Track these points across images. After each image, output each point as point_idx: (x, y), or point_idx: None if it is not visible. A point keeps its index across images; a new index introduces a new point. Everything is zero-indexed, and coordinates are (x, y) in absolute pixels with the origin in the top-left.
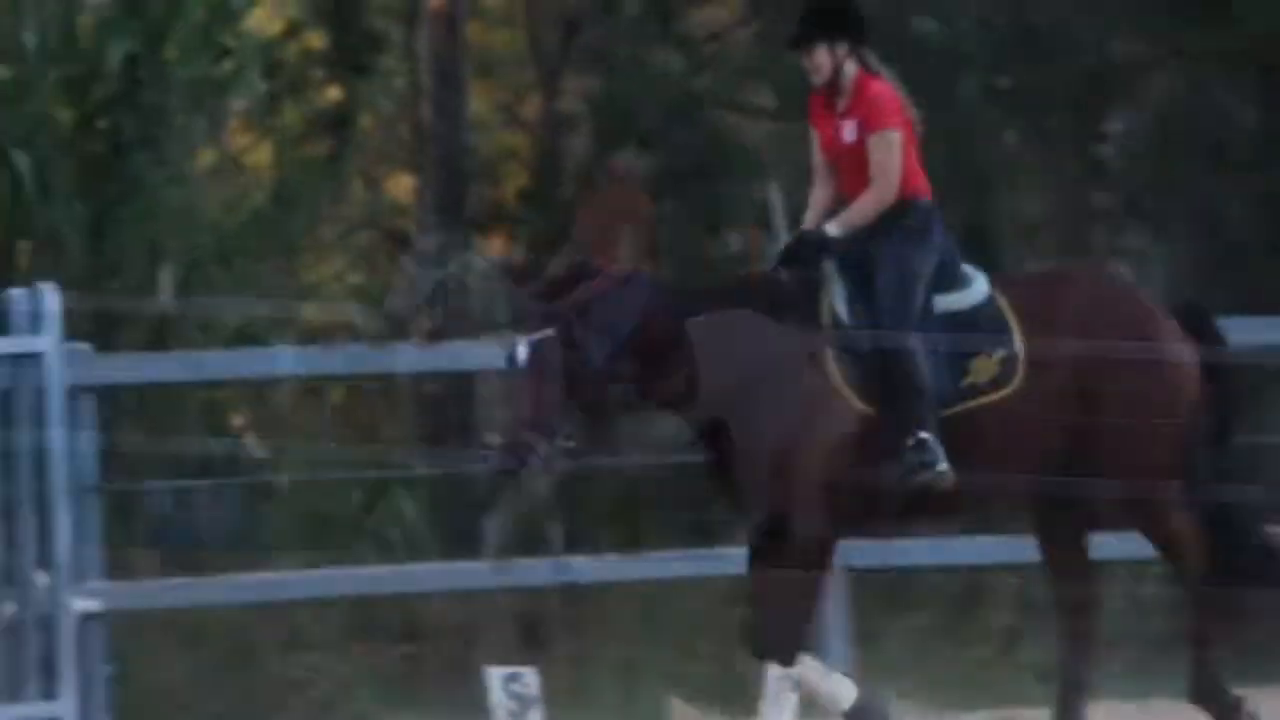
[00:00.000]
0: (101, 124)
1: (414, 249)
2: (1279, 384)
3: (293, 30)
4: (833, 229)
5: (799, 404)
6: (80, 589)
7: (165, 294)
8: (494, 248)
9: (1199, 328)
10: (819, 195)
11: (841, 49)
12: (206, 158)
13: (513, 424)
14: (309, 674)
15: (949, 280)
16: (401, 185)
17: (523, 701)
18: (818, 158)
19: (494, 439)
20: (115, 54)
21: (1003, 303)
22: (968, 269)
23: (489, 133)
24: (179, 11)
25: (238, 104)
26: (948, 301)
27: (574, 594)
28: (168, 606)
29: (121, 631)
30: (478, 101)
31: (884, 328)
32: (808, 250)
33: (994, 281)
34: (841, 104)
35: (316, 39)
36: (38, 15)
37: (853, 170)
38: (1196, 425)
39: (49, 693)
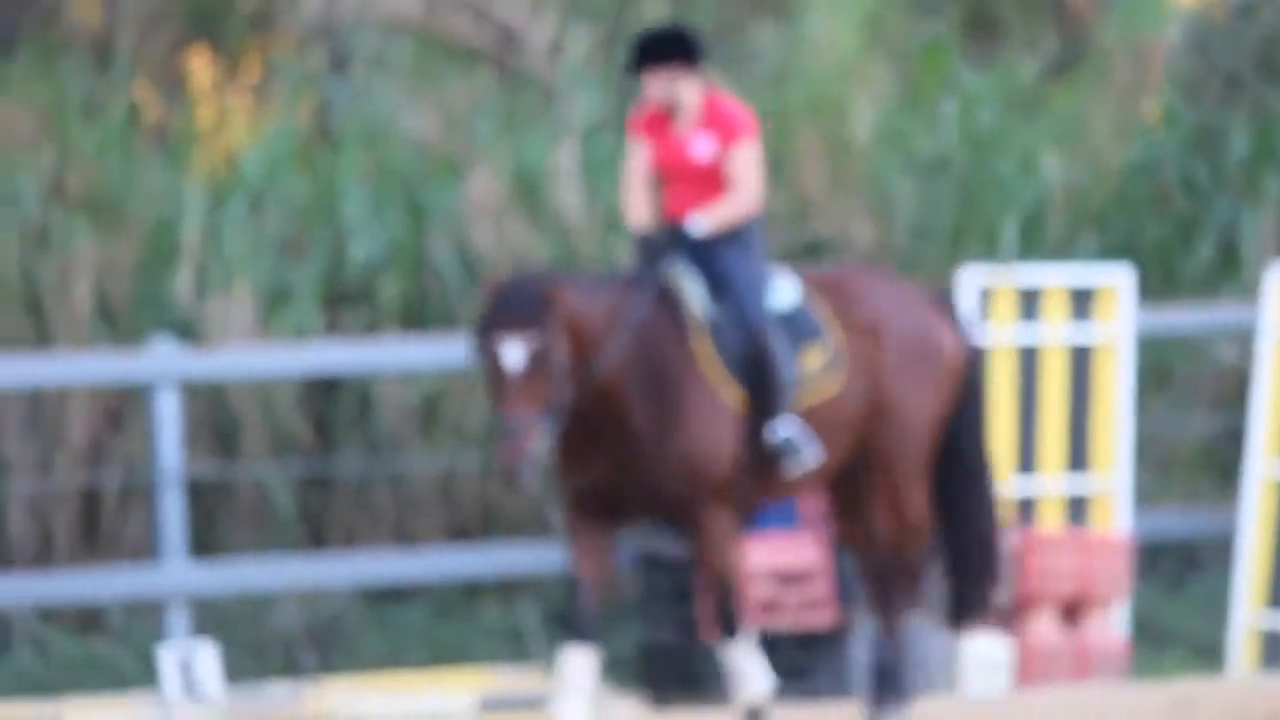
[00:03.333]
0: None
1: None
2: None
3: None
4: (697, 228)
5: (685, 397)
6: None
7: None
8: None
9: (954, 315)
10: (640, 204)
11: (680, 70)
12: None
13: (509, 426)
14: None
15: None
16: None
17: None
18: (641, 170)
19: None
20: None
21: (816, 305)
22: (783, 275)
23: None
24: None
25: None
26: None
27: None
28: None
29: None
30: None
31: (746, 324)
32: (671, 243)
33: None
34: (685, 121)
35: None
36: None
37: (700, 183)
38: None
39: None
